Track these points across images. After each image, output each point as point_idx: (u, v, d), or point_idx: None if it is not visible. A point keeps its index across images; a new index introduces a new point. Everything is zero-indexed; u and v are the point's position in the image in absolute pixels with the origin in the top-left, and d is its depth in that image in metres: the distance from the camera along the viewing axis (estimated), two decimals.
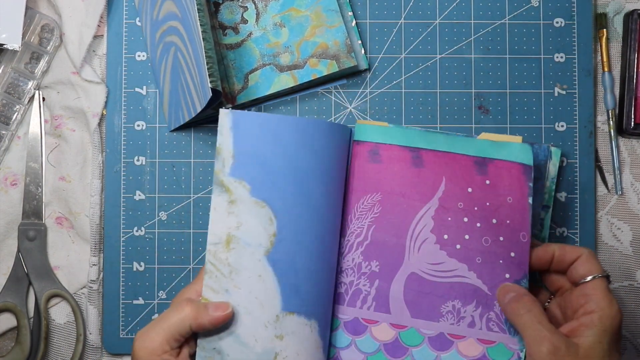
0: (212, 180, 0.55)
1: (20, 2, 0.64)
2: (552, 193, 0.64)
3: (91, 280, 0.67)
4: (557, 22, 0.68)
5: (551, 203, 0.64)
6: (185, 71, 0.62)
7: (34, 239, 0.67)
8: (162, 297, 0.67)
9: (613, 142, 0.68)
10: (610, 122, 0.68)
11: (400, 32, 0.68)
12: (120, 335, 0.66)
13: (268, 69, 0.66)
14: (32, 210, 0.67)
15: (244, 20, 0.67)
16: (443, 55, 0.68)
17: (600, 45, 0.69)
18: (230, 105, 0.66)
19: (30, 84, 0.68)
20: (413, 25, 0.68)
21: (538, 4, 0.68)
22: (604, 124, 0.69)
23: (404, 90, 0.68)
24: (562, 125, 0.68)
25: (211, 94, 0.57)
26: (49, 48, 0.68)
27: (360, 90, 0.68)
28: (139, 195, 0.67)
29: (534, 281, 0.59)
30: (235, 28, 0.67)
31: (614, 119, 0.68)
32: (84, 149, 0.67)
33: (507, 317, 0.56)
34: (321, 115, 0.68)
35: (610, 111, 0.68)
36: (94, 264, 0.67)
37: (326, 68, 0.65)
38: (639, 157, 0.68)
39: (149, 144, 0.67)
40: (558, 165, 0.65)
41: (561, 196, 0.67)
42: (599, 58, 0.69)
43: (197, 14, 0.59)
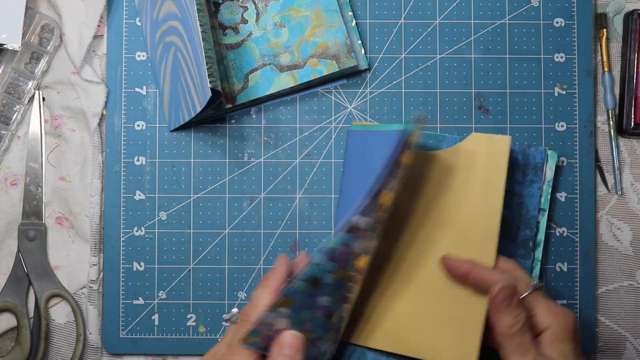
0: (212, 180, 0.55)
1: (20, 2, 0.64)
2: (549, 196, 0.64)
3: (91, 280, 0.67)
4: (557, 22, 0.68)
5: (547, 207, 0.64)
6: (185, 71, 0.62)
7: (34, 239, 0.67)
8: (162, 297, 0.67)
9: (613, 142, 0.68)
10: (610, 122, 0.68)
11: (400, 32, 0.68)
12: (120, 335, 0.66)
13: (268, 69, 0.66)
14: (32, 210, 0.67)
15: (244, 20, 0.67)
16: (443, 55, 0.68)
17: (600, 45, 0.69)
18: None
19: (30, 84, 0.68)
20: (413, 25, 0.68)
21: (538, 4, 0.68)
22: (604, 124, 0.69)
23: (404, 90, 0.68)
24: (562, 125, 0.67)
25: (211, 94, 0.57)
26: (49, 48, 0.68)
27: (360, 90, 0.68)
28: (139, 195, 0.67)
29: None
30: (235, 28, 0.67)
31: (614, 119, 0.68)
32: (84, 149, 0.67)
33: (493, 324, 0.54)
34: (321, 115, 0.68)
35: (610, 111, 0.68)
36: (94, 264, 0.67)
37: (326, 68, 0.65)
38: (639, 157, 0.68)
39: (149, 144, 0.67)
40: (554, 168, 0.64)
41: (561, 196, 0.67)
42: (599, 58, 0.69)
43: (197, 14, 0.59)
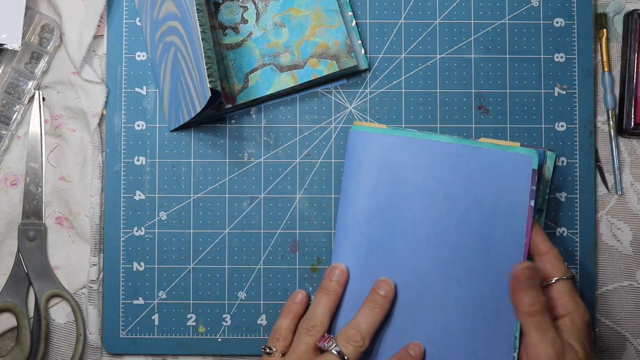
0: (212, 180, 0.55)
1: (20, 2, 0.64)
2: (546, 197, 0.65)
3: (91, 280, 0.67)
4: (557, 22, 0.68)
5: (545, 207, 0.65)
6: (185, 71, 0.62)
7: (34, 239, 0.67)
8: (162, 297, 0.67)
9: (613, 142, 0.68)
10: (610, 122, 0.68)
11: (400, 32, 0.68)
12: (120, 335, 0.66)
13: (268, 69, 0.66)
14: (32, 210, 0.67)
15: (244, 20, 0.67)
16: (443, 55, 0.68)
17: (600, 45, 0.69)
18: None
19: (30, 84, 0.68)
20: (413, 25, 0.68)
21: (538, 4, 0.68)
22: (604, 124, 0.69)
23: (404, 90, 0.68)
24: (562, 125, 0.67)
25: (210, 94, 0.57)
26: (49, 48, 0.68)
27: (360, 90, 0.68)
28: (139, 195, 0.67)
29: None
30: (235, 28, 0.67)
31: (614, 119, 0.68)
32: (84, 149, 0.67)
33: (514, 303, 0.55)
34: (321, 115, 0.68)
35: (610, 111, 0.68)
36: (94, 264, 0.67)
37: (326, 68, 0.65)
38: (639, 157, 0.68)
39: (149, 144, 0.67)
40: (552, 169, 0.65)
41: (561, 196, 0.67)
42: (599, 58, 0.69)
43: (196, 14, 0.59)
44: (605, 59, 0.68)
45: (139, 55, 0.68)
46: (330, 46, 0.66)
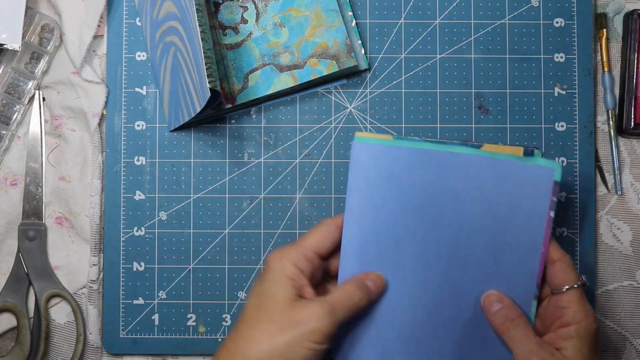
0: (212, 180, 0.55)
1: (20, 2, 0.64)
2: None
3: (91, 280, 0.67)
4: (557, 22, 0.68)
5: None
6: (185, 71, 0.62)
7: (34, 239, 0.67)
8: (162, 297, 0.67)
9: (613, 142, 0.68)
10: (610, 122, 0.68)
11: (400, 32, 0.68)
12: (120, 335, 0.66)
13: (268, 69, 0.66)
14: (32, 210, 0.67)
15: (244, 20, 0.67)
16: (443, 55, 0.68)
17: (600, 45, 0.69)
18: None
19: (30, 84, 0.68)
20: (413, 25, 0.68)
21: (538, 4, 0.68)
22: (604, 124, 0.69)
23: (404, 90, 0.68)
24: (562, 125, 0.68)
25: (210, 94, 0.57)
26: (49, 48, 0.68)
27: (360, 90, 0.68)
28: (139, 195, 0.67)
29: None
30: (235, 28, 0.67)
31: (614, 119, 0.68)
32: (84, 149, 0.67)
33: (494, 328, 0.56)
34: (321, 115, 0.68)
35: (610, 111, 0.68)
36: (94, 264, 0.67)
37: (326, 68, 0.66)
38: (639, 157, 0.68)
39: (149, 144, 0.67)
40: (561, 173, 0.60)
41: (561, 196, 0.67)
42: (599, 58, 0.69)
43: (196, 14, 0.59)
44: (605, 59, 0.68)
45: (139, 55, 0.68)
46: (330, 46, 0.66)
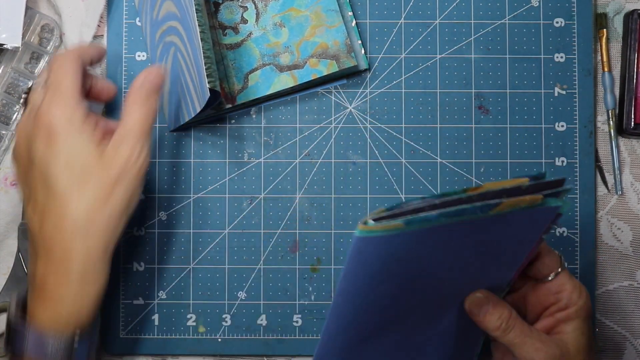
0: (212, 180, 0.55)
1: (20, 2, 0.64)
2: None
3: None
4: (557, 22, 0.68)
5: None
6: (185, 71, 0.62)
7: None
8: (162, 297, 0.67)
9: (613, 142, 0.68)
10: (610, 122, 0.68)
11: (400, 32, 0.68)
12: (120, 335, 0.66)
13: (268, 69, 0.66)
14: None
15: (244, 20, 0.67)
16: (443, 55, 0.68)
17: (600, 45, 0.69)
18: None
19: (30, 84, 0.68)
20: (413, 25, 0.68)
21: (538, 4, 0.68)
22: (604, 124, 0.69)
23: (404, 90, 0.68)
24: (562, 125, 0.67)
25: (210, 95, 0.57)
26: (49, 48, 0.68)
27: (360, 90, 0.68)
28: (140, 195, 0.67)
29: None
30: (235, 28, 0.67)
31: (614, 119, 0.68)
32: None
33: (488, 333, 0.55)
34: (321, 115, 0.68)
35: (610, 111, 0.68)
36: None
37: (326, 68, 0.65)
38: (639, 157, 0.68)
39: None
40: (567, 202, 0.57)
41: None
42: (599, 58, 0.69)
43: (195, 14, 0.59)
44: (605, 59, 0.68)
45: (139, 55, 0.68)
46: (330, 46, 0.66)
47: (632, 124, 0.67)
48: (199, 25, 0.59)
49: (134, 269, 0.67)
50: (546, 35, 0.68)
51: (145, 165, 0.55)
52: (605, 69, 0.68)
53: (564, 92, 0.68)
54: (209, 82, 0.57)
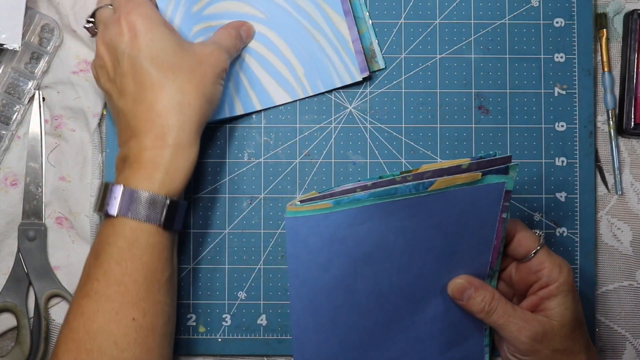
0: (212, 180, 0.55)
1: (20, 2, 0.64)
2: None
3: None
4: (557, 22, 0.68)
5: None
6: (255, 68, 0.66)
7: (34, 239, 0.67)
8: None
9: (613, 142, 0.68)
10: (610, 122, 0.68)
11: (400, 32, 0.68)
12: None
13: None
14: (32, 210, 0.67)
15: None
16: (443, 55, 0.68)
17: (600, 45, 0.69)
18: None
19: (30, 84, 0.68)
20: (413, 25, 0.68)
21: (538, 4, 0.68)
22: (604, 124, 0.69)
23: (404, 90, 0.68)
24: (562, 125, 0.67)
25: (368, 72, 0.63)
26: (49, 48, 0.68)
27: (360, 90, 0.68)
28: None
29: None
30: None
31: (614, 119, 0.68)
32: (84, 149, 0.67)
33: (474, 315, 0.57)
34: (321, 115, 0.68)
35: (610, 111, 0.68)
36: None
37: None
38: (639, 157, 0.68)
39: None
40: (514, 179, 0.56)
41: (561, 196, 0.67)
42: (599, 58, 0.69)
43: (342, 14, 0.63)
44: (605, 59, 0.68)
45: None
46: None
47: (632, 124, 0.67)
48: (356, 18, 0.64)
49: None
50: (546, 35, 0.68)
51: (225, 65, 0.61)
52: (605, 69, 0.68)
53: (564, 92, 0.68)
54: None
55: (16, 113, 0.68)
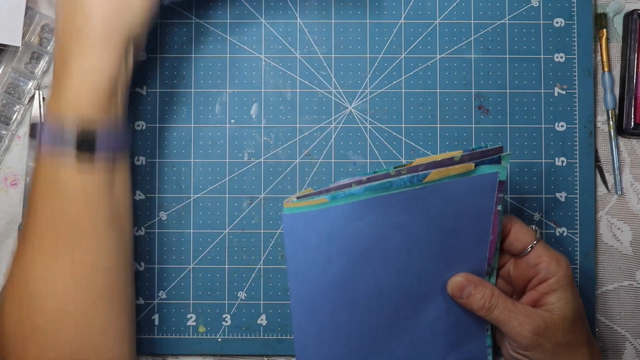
0: (212, 180, 0.55)
1: (20, 2, 0.64)
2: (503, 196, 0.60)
3: None
4: (557, 22, 0.68)
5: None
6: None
7: None
8: (162, 297, 0.67)
9: (613, 142, 0.68)
10: (610, 122, 0.68)
11: (400, 32, 0.68)
12: None
13: None
14: None
15: None
16: (443, 55, 0.68)
17: (600, 45, 0.69)
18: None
19: (30, 84, 0.68)
20: (413, 25, 0.68)
21: (538, 4, 0.68)
22: (604, 124, 0.69)
23: (404, 90, 0.68)
24: (562, 125, 0.68)
25: None
26: (49, 48, 0.68)
27: (361, 90, 0.68)
28: (139, 195, 0.67)
29: None
30: None
31: (614, 119, 0.68)
32: None
33: (474, 313, 0.57)
34: (321, 115, 0.68)
35: (610, 111, 0.68)
36: None
37: None
38: (639, 157, 0.68)
39: (149, 144, 0.67)
40: (508, 169, 0.58)
41: (561, 196, 0.67)
42: (599, 58, 0.69)
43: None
44: (605, 59, 0.68)
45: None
46: None
47: (632, 124, 0.67)
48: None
49: (134, 269, 0.67)
50: (546, 35, 0.68)
51: None
52: (605, 69, 0.68)
53: (564, 92, 0.68)
54: None
55: (16, 113, 0.68)
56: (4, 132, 0.67)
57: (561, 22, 0.68)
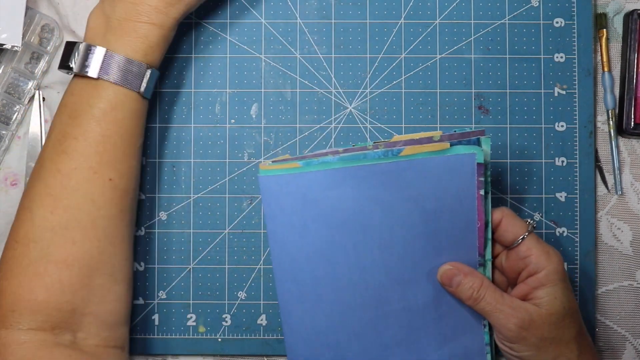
0: (212, 180, 0.55)
1: (20, 2, 0.64)
2: (489, 179, 0.59)
3: None
4: (557, 22, 0.68)
5: (489, 189, 0.59)
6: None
7: None
8: (162, 297, 0.67)
9: (613, 142, 0.68)
10: (610, 122, 0.68)
11: (400, 32, 0.68)
12: None
13: None
14: None
15: None
16: (443, 55, 0.68)
17: (600, 45, 0.69)
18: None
19: (30, 84, 0.68)
20: (413, 25, 0.68)
21: (538, 4, 0.68)
22: (604, 124, 0.69)
23: (404, 90, 0.68)
24: (562, 125, 0.68)
25: None
26: (49, 48, 0.68)
27: (360, 90, 0.68)
28: (139, 195, 0.67)
29: None
30: None
31: (614, 119, 0.68)
32: None
33: (463, 302, 0.58)
34: (321, 115, 0.68)
35: (610, 111, 0.68)
36: None
37: None
38: (639, 157, 0.68)
39: (149, 144, 0.67)
40: (490, 151, 0.58)
41: (561, 196, 0.67)
42: (599, 58, 0.69)
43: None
44: (605, 59, 0.68)
45: None
46: None
47: (632, 124, 0.67)
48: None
49: (134, 269, 0.67)
50: (546, 35, 0.68)
51: None
52: (605, 69, 0.68)
53: (564, 92, 0.68)
54: None
55: (16, 113, 0.68)
56: (4, 132, 0.67)
57: (561, 22, 0.68)
